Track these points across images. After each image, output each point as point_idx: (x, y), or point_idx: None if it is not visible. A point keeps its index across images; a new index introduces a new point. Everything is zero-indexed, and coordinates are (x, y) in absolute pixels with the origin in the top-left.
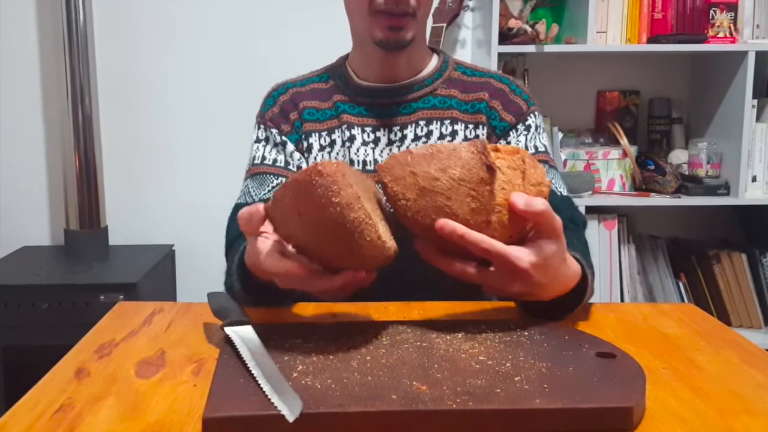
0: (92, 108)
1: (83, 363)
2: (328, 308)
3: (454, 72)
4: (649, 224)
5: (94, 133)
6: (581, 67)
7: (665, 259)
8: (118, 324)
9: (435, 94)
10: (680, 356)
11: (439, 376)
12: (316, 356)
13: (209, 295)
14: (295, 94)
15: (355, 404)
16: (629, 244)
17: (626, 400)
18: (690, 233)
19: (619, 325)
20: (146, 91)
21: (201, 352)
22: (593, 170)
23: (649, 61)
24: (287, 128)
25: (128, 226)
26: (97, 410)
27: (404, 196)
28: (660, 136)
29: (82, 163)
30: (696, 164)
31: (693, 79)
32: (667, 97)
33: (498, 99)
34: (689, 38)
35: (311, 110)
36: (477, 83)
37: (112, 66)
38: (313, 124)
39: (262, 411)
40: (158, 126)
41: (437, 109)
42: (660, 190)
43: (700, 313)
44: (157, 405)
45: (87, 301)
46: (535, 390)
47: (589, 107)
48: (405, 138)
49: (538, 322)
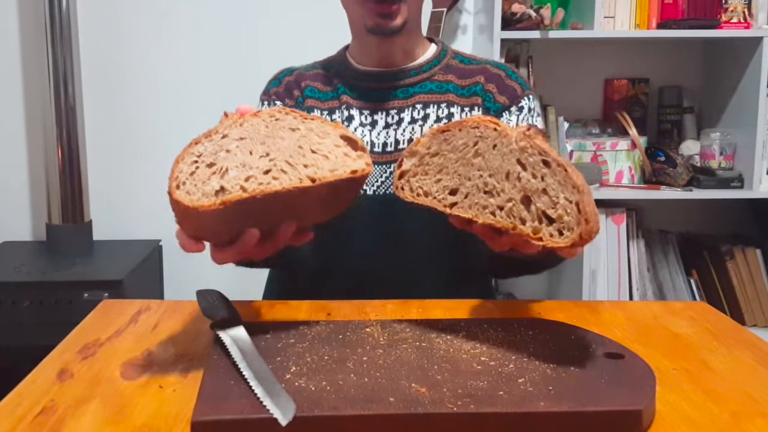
0: (75, 97)
1: (66, 364)
2: (323, 306)
3: (452, 60)
4: (659, 219)
5: (77, 122)
6: (588, 54)
7: (676, 255)
8: (103, 323)
9: (432, 79)
10: (692, 357)
11: (439, 377)
12: (310, 357)
13: (198, 292)
14: (299, 76)
15: (351, 407)
16: (638, 239)
17: (635, 403)
18: (702, 228)
19: (627, 325)
20: (133, 80)
21: (189, 353)
22: (600, 162)
23: (659, 47)
24: (290, 103)
25: (113, 221)
26: (81, 413)
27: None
28: (670, 126)
29: (65, 154)
30: (708, 155)
31: (705, 66)
32: (677, 86)
33: (494, 82)
34: (701, 23)
35: (313, 89)
36: (474, 70)
37: (97, 53)
38: (315, 102)
39: (254, 414)
40: (145, 116)
41: (434, 94)
42: (671, 183)
43: (713, 311)
44: (144, 408)
45: (70, 298)
46: (539, 392)
47: (596, 96)
48: (402, 121)
49: (544, 322)
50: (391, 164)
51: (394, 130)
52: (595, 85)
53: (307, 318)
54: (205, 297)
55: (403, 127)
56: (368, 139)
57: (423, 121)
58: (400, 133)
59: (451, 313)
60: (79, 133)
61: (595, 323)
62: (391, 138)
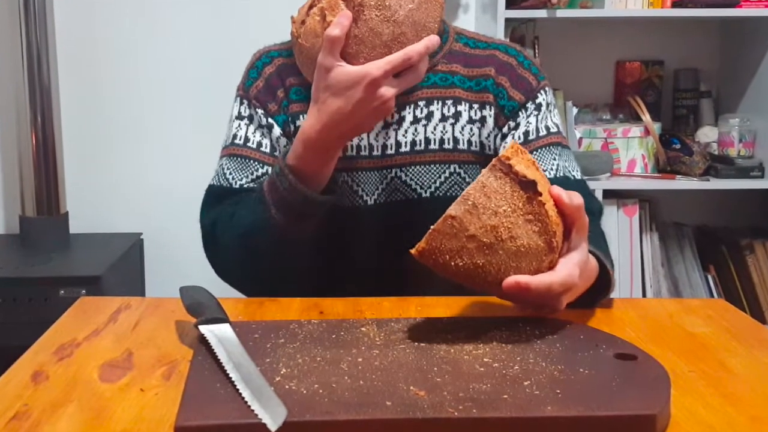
0: (51, 78)
1: (41, 365)
2: (315, 304)
3: (456, 44)
4: (674, 210)
5: (53, 107)
6: (598, 35)
7: (692, 250)
8: (80, 322)
9: (435, 70)
10: (709, 358)
11: (439, 380)
12: (301, 358)
13: (182, 289)
14: (281, 67)
15: (345, 412)
16: (652, 232)
17: (649, 407)
18: (720, 220)
19: (640, 324)
20: (112, 61)
21: (173, 354)
22: (611, 150)
23: (675, 27)
24: (274, 107)
25: (91, 213)
26: (57, 418)
27: (476, 263)
28: (686, 112)
29: (39, 141)
30: (727, 143)
31: (723, 47)
32: (694, 68)
33: (506, 75)
34: (719, 2)
35: (298, 89)
36: (481, 56)
37: (74, 31)
38: (301, 105)
39: (241, 419)
40: (125, 100)
41: (438, 88)
42: (686, 172)
43: (732, 309)
44: (124, 413)
45: (45, 296)
46: (546, 396)
47: (607, 79)
48: (403, 120)
49: (551, 320)
50: (391, 169)
51: (394, 130)
52: (605, 67)
53: (299, 316)
54: (189, 294)
55: (405, 127)
56: (366, 142)
57: (426, 120)
58: (401, 135)
59: (452, 311)
60: (54, 117)
61: (606, 322)
62: (391, 139)
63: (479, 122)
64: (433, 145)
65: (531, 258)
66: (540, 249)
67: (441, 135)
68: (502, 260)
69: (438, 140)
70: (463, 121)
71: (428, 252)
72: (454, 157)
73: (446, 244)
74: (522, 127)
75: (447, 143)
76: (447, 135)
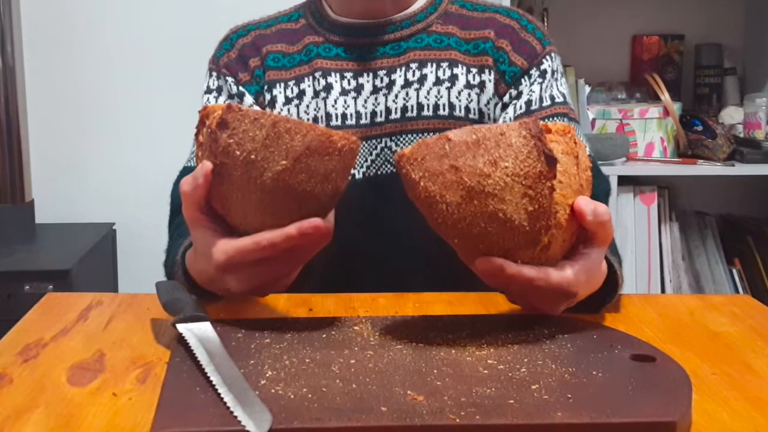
0: (15, 56)
1: (4, 367)
2: (304, 301)
3: (452, 6)
4: (695, 198)
5: (17, 87)
6: (613, 6)
7: (715, 241)
8: (47, 320)
9: (429, 31)
10: (734, 359)
11: (439, 383)
12: (288, 359)
13: (158, 284)
14: (258, 37)
15: (337, 418)
16: (672, 222)
17: (668, 413)
18: (746, 209)
19: (659, 322)
20: (81, 37)
21: (148, 355)
22: (628, 132)
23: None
24: (245, 77)
25: (59, 201)
26: (22, 425)
27: (444, 198)
28: (709, 91)
29: (3, 124)
30: (753, 125)
31: (749, 20)
32: (717, 43)
33: (506, 38)
34: None
35: (276, 55)
36: (479, 19)
37: (40, 8)
38: (278, 72)
39: (223, 426)
40: (95, 79)
41: (432, 49)
42: (709, 157)
43: (758, 306)
44: (95, 419)
45: (9, 292)
46: (556, 401)
47: (622, 55)
48: (393, 84)
49: (561, 319)
50: (381, 138)
51: (384, 95)
52: (621, 42)
53: (286, 314)
54: (166, 289)
55: (395, 91)
56: (352, 109)
57: (419, 84)
58: (391, 100)
59: (453, 309)
60: (19, 99)
61: (622, 320)
62: (380, 106)
63: (478, 87)
64: (426, 111)
65: (503, 232)
66: (521, 231)
67: (435, 100)
68: (470, 212)
69: (432, 106)
70: (459, 85)
71: (407, 161)
72: (450, 124)
73: (428, 161)
74: (524, 95)
75: (442, 109)
76: (442, 100)
